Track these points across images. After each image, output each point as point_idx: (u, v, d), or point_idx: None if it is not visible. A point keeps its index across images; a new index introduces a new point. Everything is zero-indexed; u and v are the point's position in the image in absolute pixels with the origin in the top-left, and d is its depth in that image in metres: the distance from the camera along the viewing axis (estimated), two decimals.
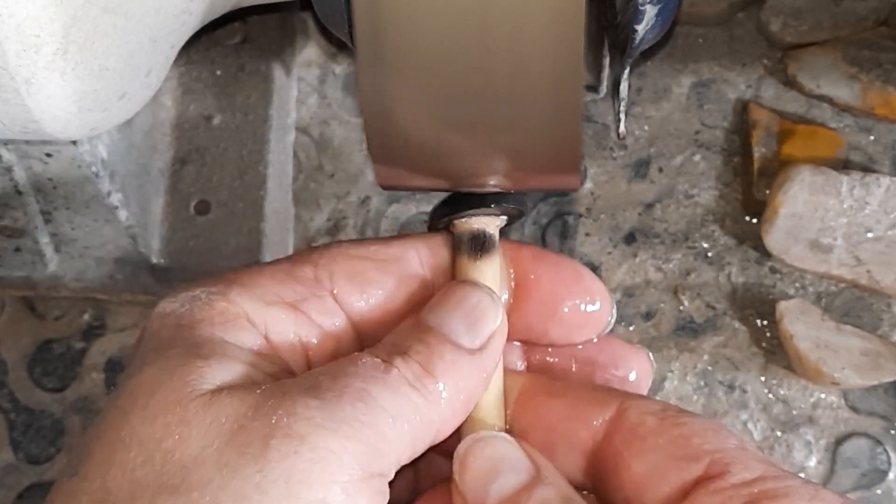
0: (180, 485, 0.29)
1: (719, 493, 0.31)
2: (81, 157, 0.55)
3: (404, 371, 0.32)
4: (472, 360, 0.33)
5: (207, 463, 0.29)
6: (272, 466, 0.29)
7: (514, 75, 0.32)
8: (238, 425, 0.30)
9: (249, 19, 0.66)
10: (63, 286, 0.64)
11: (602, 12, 0.51)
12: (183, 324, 0.33)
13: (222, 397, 0.30)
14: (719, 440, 0.33)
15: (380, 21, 0.32)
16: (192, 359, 0.31)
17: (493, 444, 0.34)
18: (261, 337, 0.34)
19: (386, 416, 0.31)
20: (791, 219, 0.63)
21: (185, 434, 0.30)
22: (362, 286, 0.35)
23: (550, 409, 0.35)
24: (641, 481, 0.33)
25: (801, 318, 0.63)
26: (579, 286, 0.37)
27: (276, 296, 0.34)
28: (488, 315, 0.34)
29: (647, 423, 0.33)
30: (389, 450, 0.31)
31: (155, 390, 0.31)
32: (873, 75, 0.65)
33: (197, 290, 0.34)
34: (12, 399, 0.65)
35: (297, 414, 0.30)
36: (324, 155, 0.68)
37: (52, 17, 0.39)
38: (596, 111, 0.68)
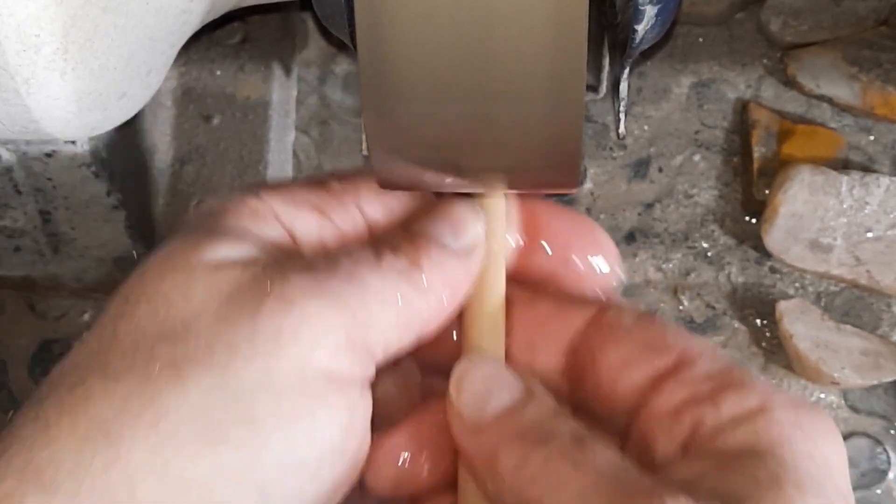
0: (179, 334, 0.32)
1: (686, 382, 0.33)
2: (81, 157, 0.55)
3: (393, 262, 0.35)
4: (457, 260, 0.36)
5: (205, 317, 0.32)
6: (263, 322, 0.32)
7: (516, 75, 0.32)
8: (236, 290, 0.33)
9: (249, 19, 0.66)
10: (63, 286, 0.64)
11: (602, 12, 0.51)
12: (212, 212, 0.36)
13: (227, 266, 0.33)
14: (689, 339, 0.35)
15: (380, 21, 0.32)
16: (211, 236, 0.35)
17: (486, 366, 0.36)
18: (286, 233, 0.36)
19: (373, 295, 0.33)
20: (791, 219, 0.63)
21: (188, 293, 0.33)
22: (385, 202, 0.38)
23: (534, 309, 0.38)
24: (615, 371, 0.35)
25: (800, 317, 0.63)
26: (591, 238, 0.39)
27: (305, 200, 0.37)
28: (469, 222, 0.37)
29: (624, 321, 0.36)
30: (375, 325, 0.33)
31: (169, 257, 0.34)
32: (873, 75, 0.65)
33: (234, 194, 0.37)
34: (12, 399, 0.65)
35: (290, 282, 0.33)
36: (324, 155, 0.68)
37: (52, 16, 0.39)
38: (596, 111, 0.68)
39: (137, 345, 0.32)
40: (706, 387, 0.33)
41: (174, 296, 0.33)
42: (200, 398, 0.31)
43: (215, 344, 0.31)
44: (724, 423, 0.32)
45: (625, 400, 0.35)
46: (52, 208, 0.58)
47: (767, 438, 0.31)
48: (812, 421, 0.32)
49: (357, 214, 0.38)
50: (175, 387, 0.31)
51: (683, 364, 0.34)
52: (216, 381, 0.31)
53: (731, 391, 0.33)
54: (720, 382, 0.33)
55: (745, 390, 0.32)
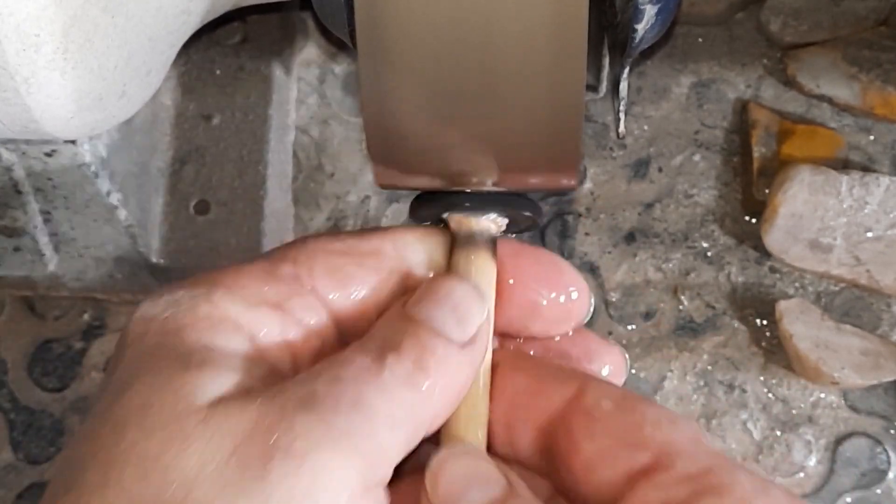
0: (181, 503, 0.29)
1: (662, 485, 0.31)
2: (81, 157, 0.55)
3: (397, 370, 0.32)
4: (462, 354, 0.33)
5: (208, 482, 0.29)
6: (274, 486, 0.29)
7: (515, 74, 0.32)
8: (237, 443, 0.29)
9: (249, 19, 0.66)
10: (63, 286, 0.64)
11: (602, 12, 0.51)
12: (168, 330, 0.33)
13: (219, 412, 0.30)
14: (672, 430, 0.32)
15: (380, 21, 0.32)
16: (184, 370, 0.31)
17: (465, 459, 0.34)
18: (247, 340, 0.33)
19: (383, 424, 0.31)
20: (791, 218, 0.63)
21: (183, 451, 0.29)
22: (343, 282, 0.35)
23: (513, 383, 0.35)
24: (589, 465, 0.33)
25: (800, 317, 0.63)
26: (559, 280, 0.37)
27: (259, 296, 0.34)
28: (475, 308, 0.34)
29: (603, 407, 0.33)
30: (387, 457, 0.31)
31: (150, 405, 0.30)
32: (873, 75, 0.65)
33: (179, 293, 0.34)
34: (12, 399, 0.65)
35: (295, 431, 0.30)
36: (324, 155, 0.68)
37: (52, 16, 0.39)
38: (596, 111, 0.68)
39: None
40: (682, 492, 0.31)
41: (167, 455, 0.29)
42: None
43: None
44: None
45: (600, 494, 0.33)
46: (52, 208, 0.58)
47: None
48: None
49: (315, 303, 0.35)
50: None
51: (661, 463, 0.32)
52: None
53: (707, 499, 0.30)
54: (697, 487, 0.31)
55: (723, 498, 0.30)
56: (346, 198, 0.67)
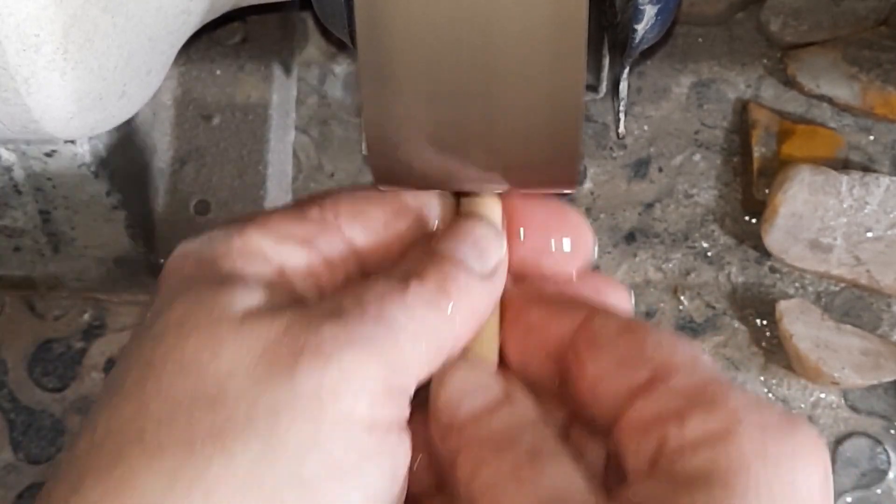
0: (216, 398, 0.31)
1: (658, 397, 0.32)
2: (81, 157, 0.55)
3: (420, 292, 0.34)
4: (483, 284, 0.36)
5: (240, 378, 0.31)
6: (302, 380, 0.31)
7: (515, 74, 0.32)
8: (268, 345, 0.32)
9: (249, 19, 0.66)
10: (63, 286, 0.64)
11: (602, 12, 0.51)
12: (203, 260, 0.35)
13: (252, 320, 0.32)
14: (671, 348, 0.34)
15: (380, 21, 0.32)
16: (218, 288, 0.33)
17: (466, 368, 0.36)
18: (275, 270, 0.36)
19: (405, 336, 0.33)
20: (791, 218, 0.63)
21: (217, 352, 0.31)
22: (366, 223, 0.38)
23: (526, 314, 0.37)
24: (593, 385, 0.35)
25: (800, 317, 0.63)
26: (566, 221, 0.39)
27: (288, 232, 0.36)
28: (493, 245, 0.37)
29: (608, 330, 0.35)
30: (409, 366, 0.33)
31: (186, 316, 0.33)
32: (873, 75, 0.65)
33: (214, 231, 0.37)
34: (12, 399, 0.65)
35: (323, 334, 0.32)
36: (324, 155, 0.68)
37: (52, 16, 0.39)
38: (596, 111, 0.68)
39: (173, 412, 0.31)
40: (676, 403, 0.32)
41: (203, 355, 0.32)
42: (249, 466, 0.30)
43: (255, 408, 0.31)
44: (685, 444, 0.31)
45: (604, 411, 0.34)
46: (52, 208, 0.58)
47: (725, 466, 0.30)
48: (781, 446, 0.30)
49: (340, 240, 0.37)
50: (222, 458, 0.30)
51: (660, 377, 0.33)
52: (263, 448, 0.30)
53: (699, 410, 0.31)
54: (691, 399, 0.32)
55: (715, 409, 0.31)
56: None
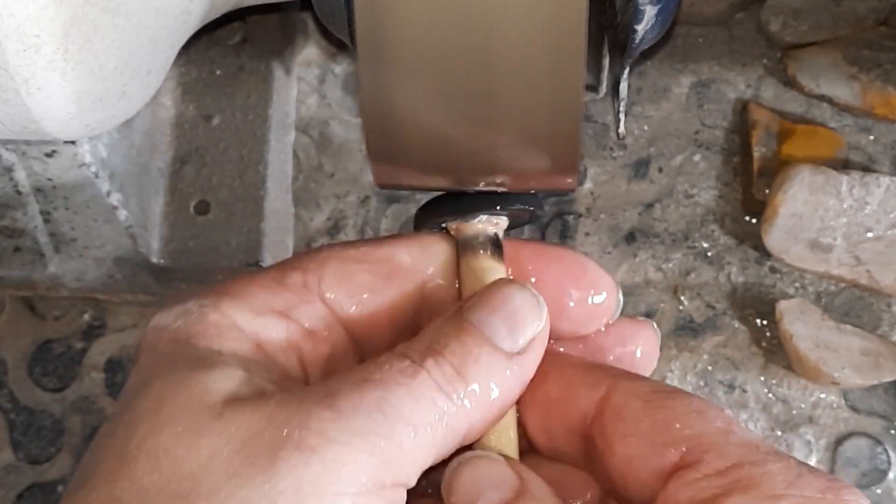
0: (189, 493, 0.29)
1: (691, 483, 0.31)
2: (81, 157, 0.55)
3: (435, 374, 0.32)
4: (510, 364, 0.33)
5: (216, 472, 0.29)
6: (281, 477, 0.29)
7: (514, 75, 0.32)
8: (249, 435, 0.30)
9: (249, 19, 0.66)
10: (63, 286, 0.64)
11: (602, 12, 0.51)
12: (179, 338, 0.33)
13: (234, 408, 0.30)
14: (701, 424, 0.32)
15: (380, 21, 0.32)
16: (196, 370, 0.31)
17: (478, 464, 0.34)
18: (254, 345, 0.34)
19: (406, 427, 0.31)
20: (791, 218, 0.63)
21: (194, 444, 0.30)
22: (352, 289, 0.35)
23: (546, 390, 0.35)
24: (623, 467, 0.33)
25: (801, 317, 0.63)
26: (584, 280, 0.36)
27: (266, 305, 0.34)
28: (532, 318, 0.34)
29: (632, 406, 0.33)
30: (407, 461, 0.31)
31: (163, 403, 0.31)
32: (873, 75, 0.65)
33: (189, 303, 0.34)
34: (12, 399, 0.65)
35: (310, 427, 0.30)
36: (324, 155, 0.68)
37: (52, 17, 0.39)
38: (596, 111, 0.68)
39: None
40: (711, 489, 0.30)
41: (177, 449, 0.30)
42: None
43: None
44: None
45: (639, 493, 0.33)
46: (52, 208, 0.58)
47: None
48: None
49: (324, 311, 0.35)
50: None
51: (691, 460, 0.31)
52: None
53: (736, 495, 0.30)
54: (727, 484, 0.30)
55: (751, 493, 0.30)
56: (346, 198, 0.67)
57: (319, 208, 0.67)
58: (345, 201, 0.67)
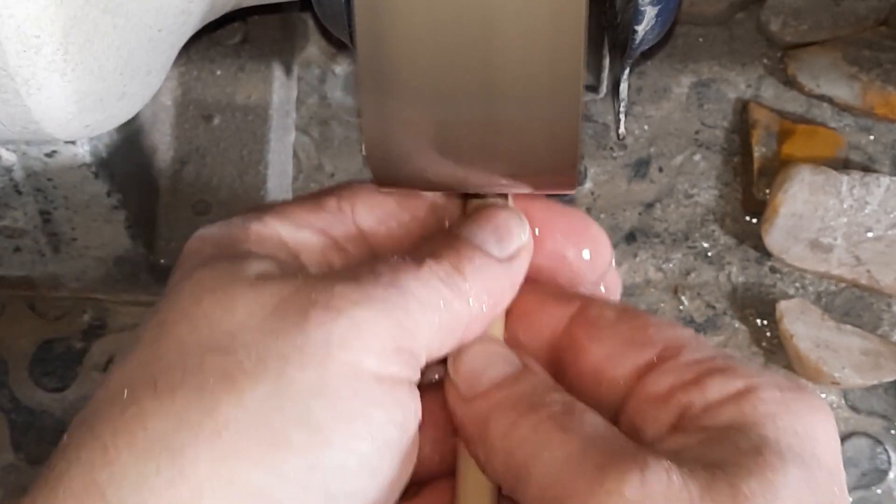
0: (228, 346, 0.31)
1: (671, 370, 0.34)
2: (81, 158, 0.55)
3: (435, 268, 0.34)
4: (500, 268, 0.36)
5: (252, 328, 0.32)
6: (312, 331, 0.32)
7: (514, 75, 0.32)
8: (280, 300, 0.32)
9: (249, 19, 0.66)
10: (63, 286, 0.64)
11: (602, 12, 0.51)
12: (221, 242, 0.36)
13: (265, 280, 0.33)
14: (673, 330, 0.35)
15: (379, 21, 0.32)
16: (234, 259, 0.34)
17: (485, 343, 0.36)
18: (292, 256, 0.36)
19: (416, 302, 0.33)
20: (791, 218, 0.63)
21: (230, 308, 0.32)
22: (383, 217, 0.38)
23: (521, 302, 0.37)
24: (598, 367, 0.35)
25: (801, 317, 0.63)
26: (585, 235, 0.39)
27: (306, 221, 0.37)
28: (515, 231, 0.37)
29: (606, 316, 0.36)
30: (419, 331, 0.33)
31: (201, 281, 0.34)
32: (873, 75, 0.65)
33: (233, 218, 0.38)
34: (13, 399, 0.65)
35: (335, 292, 0.32)
36: (324, 155, 0.68)
37: (52, 17, 0.39)
38: (596, 111, 0.68)
39: (185, 360, 0.31)
40: (692, 373, 0.33)
41: (215, 312, 0.32)
42: (258, 406, 0.31)
43: (266, 355, 0.31)
44: (710, 403, 0.33)
45: (611, 392, 0.35)
46: (52, 208, 0.58)
47: (752, 415, 0.32)
48: (799, 400, 0.33)
49: (356, 232, 0.38)
50: (231, 397, 0.31)
51: (668, 355, 0.34)
52: (272, 390, 0.31)
53: (717, 375, 0.33)
54: (706, 368, 0.33)
55: (731, 374, 0.33)
56: None
57: None
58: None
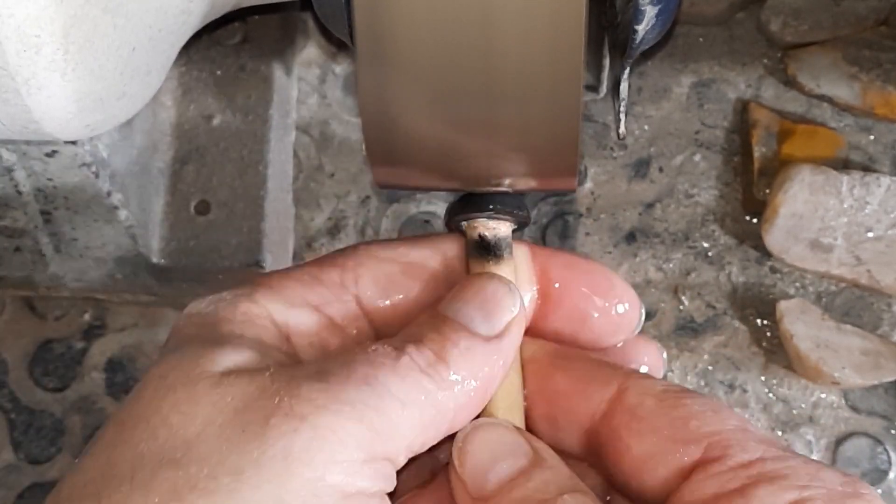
0: (181, 458, 0.29)
1: (717, 476, 0.31)
2: (81, 157, 0.55)
3: (416, 357, 0.32)
4: (488, 348, 0.33)
5: (209, 439, 0.30)
6: (271, 444, 0.29)
7: (514, 75, 0.32)
8: (242, 404, 0.30)
9: (249, 19, 0.66)
10: (63, 286, 0.64)
11: (602, 12, 0.51)
12: (206, 322, 0.34)
13: (231, 378, 0.31)
14: (718, 422, 0.32)
15: (379, 21, 0.32)
16: (208, 346, 0.32)
17: (491, 430, 0.34)
18: (282, 338, 0.34)
19: (394, 401, 0.31)
20: (791, 218, 0.63)
21: (190, 411, 0.30)
22: (387, 290, 0.36)
23: (555, 382, 0.35)
24: (639, 463, 0.33)
25: (801, 317, 0.63)
26: (610, 293, 0.37)
27: (300, 298, 0.35)
28: (505, 303, 0.34)
29: (646, 405, 0.33)
30: (396, 435, 0.31)
31: (167, 374, 0.32)
32: (873, 75, 0.65)
33: (224, 293, 0.35)
34: (12, 399, 0.65)
35: (301, 395, 0.30)
36: (324, 155, 0.68)
37: (53, 17, 0.39)
38: (596, 111, 0.68)
39: (135, 473, 0.30)
40: (738, 481, 0.31)
41: (174, 416, 0.30)
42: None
43: (219, 470, 0.29)
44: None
45: (652, 490, 0.33)
46: (53, 208, 0.58)
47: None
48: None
49: (356, 309, 0.36)
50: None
51: (713, 455, 0.32)
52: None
53: (764, 485, 0.30)
54: (754, 475, 0.31)
55: (780, 483, 0.30)
56: (346, 198, 0.67)
57: (320, 208, 0.67)
58: (345, 201, 0.67)
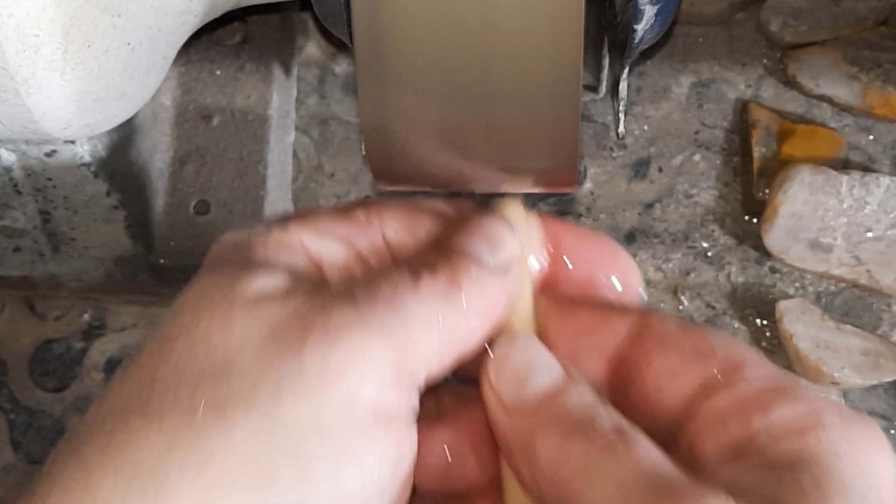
0: (221, 372, 0.31)
1: (736, 388, 0.33)
2: (81, 157, 0.55)
3: (432, 283, 0.34)
4: (495, 277, 0.35)
5: (247, 354, 0.31)
6: (308, 358, 0.31)
7: (513, 75, 0.32)
8: (278, 325, 0.32)
9: (249, 19, 0.66)
10: (63, 286, 0.64)
11: (602, 12, 0.51)
12: (240, 246, 0.36)
13: (265, 302, 0.33)
14: (736, 345, 0.34)
15: (379, 21, 0.32)
16: (241, 270, 0.34)
17: (527, 345, 0.35)
18: (313, 265, 0.36)
19: (416, 323, 0.33)
20: (791, 218, 0.63)
21: (228, 330, 0.32)
22: (409, 228, 0.38)
23: (577, 316, 0.37)
24: (662, 380, 0.34)
25: (801, 317, 0.63)
26: (615, 263, 0.39)
27: (331, 230, 0.37)
28: (507, 241, 0.37)
29: (669, 328, 0.35)
30: (418, 352, 0.33)
31: (203, 294, 0.33)
32: (873, 75, 0.65)
33: (258, 225, 0.37)
34: (12, 399, 0.65)
35: (332, 316, 0.32)
36: (324, 155, 0.68)
37: (52, 17, 0.39)
38: (596, 111, 0.68)
39: (179, 384, 0.31)
40: (756, 393, 0.32)
41: (213, 333, 0.32)
42: (247, 440, 0.30)
43: (260, 383, 0.31)
44: (773, 430, 0.31)
45: (672, 408, 0.34)
46: (52, 208, 0.58)
47: (817, 449, 0.31)
48: (864, 436, 0.32)
49: (382, 243, 0.38)
50: (220, 429, 0.30)
51: (731, 370, 0.33)
52: (262, 423, 0.30)
53: (781, 399, 0.32)
54: (770, 389, 0.32)
55: (796, 399, 0.32)
56: (346, 198, 0.67)
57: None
58: (345, 201, 0.67)
